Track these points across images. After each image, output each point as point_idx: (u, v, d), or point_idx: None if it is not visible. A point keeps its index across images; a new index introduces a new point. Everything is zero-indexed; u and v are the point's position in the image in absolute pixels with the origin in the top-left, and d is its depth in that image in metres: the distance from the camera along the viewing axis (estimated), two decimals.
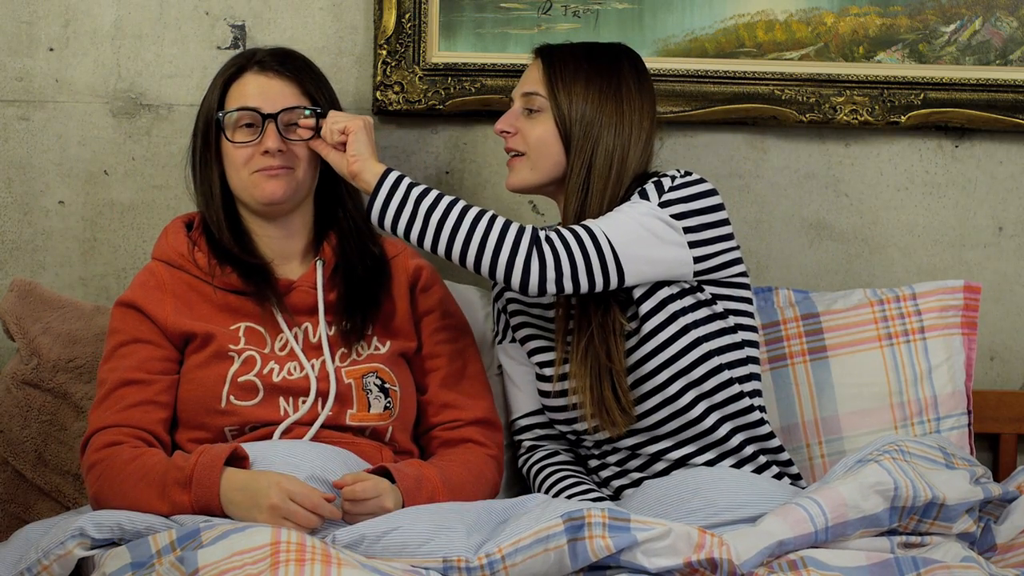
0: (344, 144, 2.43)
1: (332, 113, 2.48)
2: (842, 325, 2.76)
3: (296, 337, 2.48)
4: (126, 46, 2.90)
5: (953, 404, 2.74)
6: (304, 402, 2.43)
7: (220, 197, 2.52)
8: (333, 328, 2.49)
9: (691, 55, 2.89)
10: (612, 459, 2.54)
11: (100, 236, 2.91)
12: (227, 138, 2.48)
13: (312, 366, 2.45)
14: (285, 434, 2.42)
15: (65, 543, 2.20)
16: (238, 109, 2.48)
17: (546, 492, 2.54)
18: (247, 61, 2.53)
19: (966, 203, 2.95)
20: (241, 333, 2.47)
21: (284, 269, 2.54)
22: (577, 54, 2.53)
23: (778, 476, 2.51)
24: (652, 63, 2.85)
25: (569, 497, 2.49)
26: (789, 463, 2.53)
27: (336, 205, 2.57)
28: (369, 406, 2.45)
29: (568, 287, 2.36)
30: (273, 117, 2.46)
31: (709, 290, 2.48)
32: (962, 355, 2.77)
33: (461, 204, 2.37)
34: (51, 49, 2.90)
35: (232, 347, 2.45)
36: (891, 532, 2.29)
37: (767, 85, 2.88)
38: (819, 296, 2.81)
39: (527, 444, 2.65)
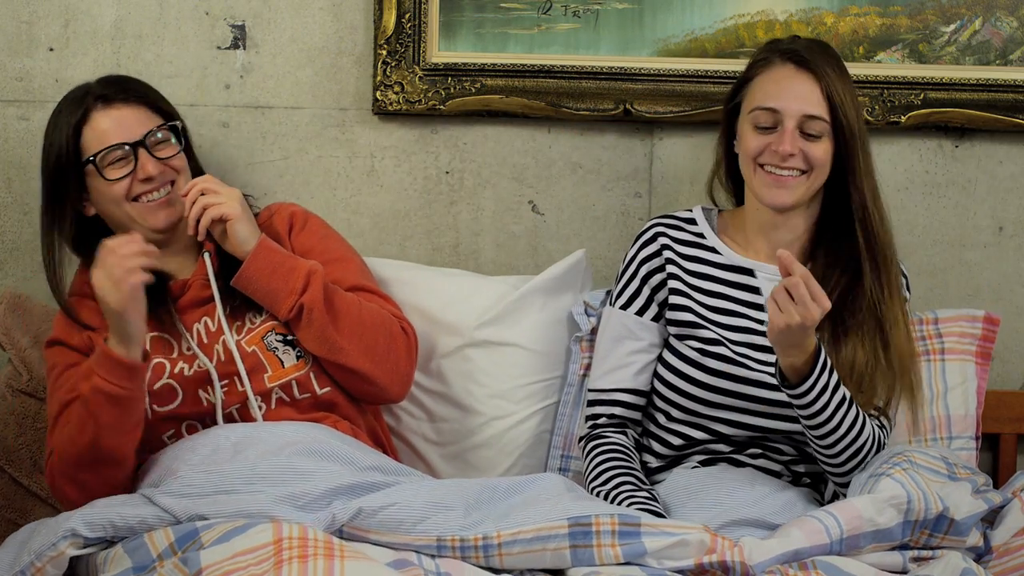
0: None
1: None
2: None
3: (196, 333, 2.53)
4: (126, 46, 2.90)
5: (964, 426, 2.76)
6: (225, 387, 2.49)
7: (74, 242, 2.57)
8: (228, 309, 2.54)
9: (691, 55, 2.88)
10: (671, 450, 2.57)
11: None
12: (105, 178, 2.51)
13: (217, 352, 2.50)
14: (226, 421, 2.49)
15: (57, 544, 2.20)
16: (107, 149, 2.52)
17: (594, 475, 2.52)
18: (89, 100, 2.55)
19: (966, 203, 2.95)
20: (147, 345, 2.48)
21: (180, 273, 2.59)
22: (830, 61, 2.50)
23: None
24: (652, 63, 2.86)
25: (619, 493, 2.46)
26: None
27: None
28: (282, 363, 2.52)
29: None
30: (141, 144, 2.52)
31: None
32: (975, 383, 2.79)
33: None
34: (51, 49, 2.90)
35: None
36: (903, 547, 2.29)
37: None
38: None
39: (604, 419, 2.60)
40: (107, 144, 2.52)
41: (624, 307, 2.62)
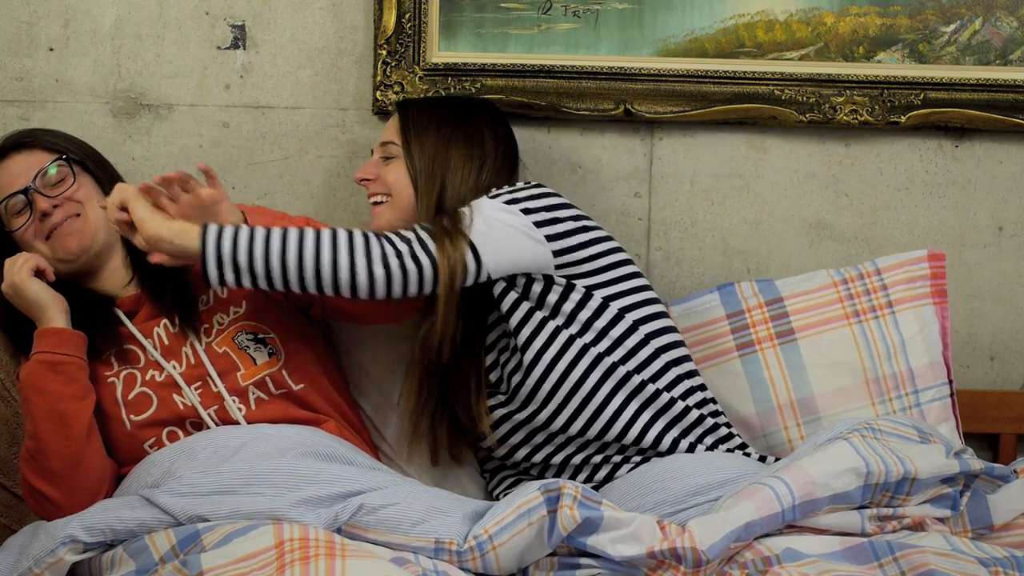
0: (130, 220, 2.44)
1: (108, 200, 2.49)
2: (807, 307, 2.77)
3: (156, 337, 2.55)
4: (126, 46, 2.90)
5: (932, 375, 2.74)
6: (198, 389, 2.51)
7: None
8: (188, 312, 2.58)
9: (691, 55, 2.89)
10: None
11: None
12: (12, 231, 2.57)
13: (186, 355, 2.54)
14: (201, 427, 2.50)
15: (56, 551, 2.20)
16: (2, 201, 2.56)
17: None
18: None
19: (966, 203, 2.95)
20: (113, 358, 2.54)
21: (124, 291, 2.62)
22: (432, 106, 2.64)
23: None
24: (652, 63, 2.86)
25: None
26: (744, 446, 2.56)
27: None
28: (254, 360, 2.55)
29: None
30: (30, 187, 2.55)
31: (599, 294, 2.49)
32: (936, 324, 2.77)
33: (290, 232, 2.39)
34: (51, 49, 2.90)
35: (108, 374, 2.53)
36: (862, 507, 2.30)
37: (767, 85, 2.88)
38: (782, 282, 2.81)
39: (490, 468, 2.69)
40: (2, 196, 2.57)
41: None
